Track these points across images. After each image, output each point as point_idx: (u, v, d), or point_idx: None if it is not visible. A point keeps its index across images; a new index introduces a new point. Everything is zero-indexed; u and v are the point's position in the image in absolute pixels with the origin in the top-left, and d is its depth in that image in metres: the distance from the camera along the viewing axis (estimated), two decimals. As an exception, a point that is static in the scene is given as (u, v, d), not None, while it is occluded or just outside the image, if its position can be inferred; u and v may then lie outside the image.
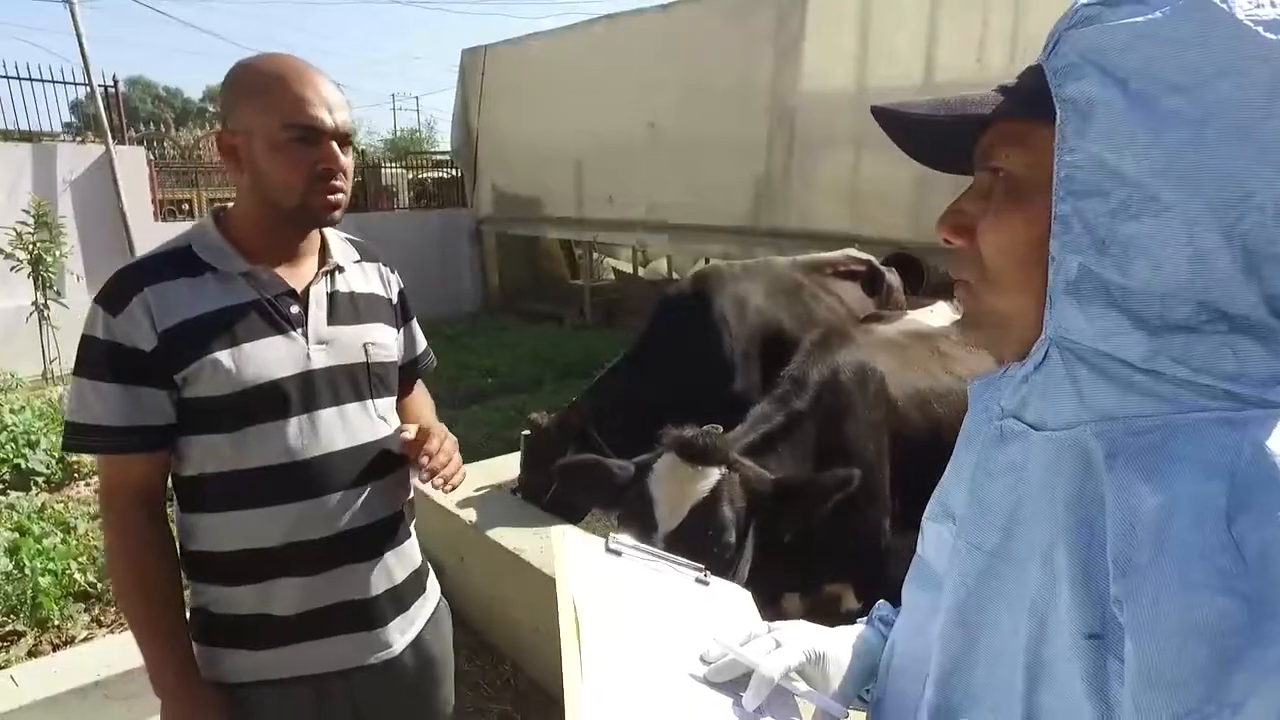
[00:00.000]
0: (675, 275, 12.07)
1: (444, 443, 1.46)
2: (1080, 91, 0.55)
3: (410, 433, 1.44)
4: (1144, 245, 0.53)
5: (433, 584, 1.62)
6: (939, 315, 3.14)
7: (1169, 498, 0.52)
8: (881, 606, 0.96)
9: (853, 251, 4.17)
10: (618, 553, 0.95)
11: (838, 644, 0.85)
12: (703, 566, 1.00)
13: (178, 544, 1.39)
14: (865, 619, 0.95)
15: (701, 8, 8.85)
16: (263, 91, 1.28)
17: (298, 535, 1.33)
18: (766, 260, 3.92)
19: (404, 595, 1.50)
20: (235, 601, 1.35)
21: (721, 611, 0.95)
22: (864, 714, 0.88)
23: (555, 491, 2.98)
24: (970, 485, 0.70)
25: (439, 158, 14.35)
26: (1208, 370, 0.54)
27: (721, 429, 2.04)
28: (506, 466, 3.73)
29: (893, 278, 4.11)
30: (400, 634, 1.48)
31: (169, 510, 1.38)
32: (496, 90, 11.62)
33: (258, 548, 1.32)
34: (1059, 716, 0.58)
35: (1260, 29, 0.51)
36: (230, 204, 1.42)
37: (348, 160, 1.35)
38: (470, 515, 3.15)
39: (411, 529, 1.55)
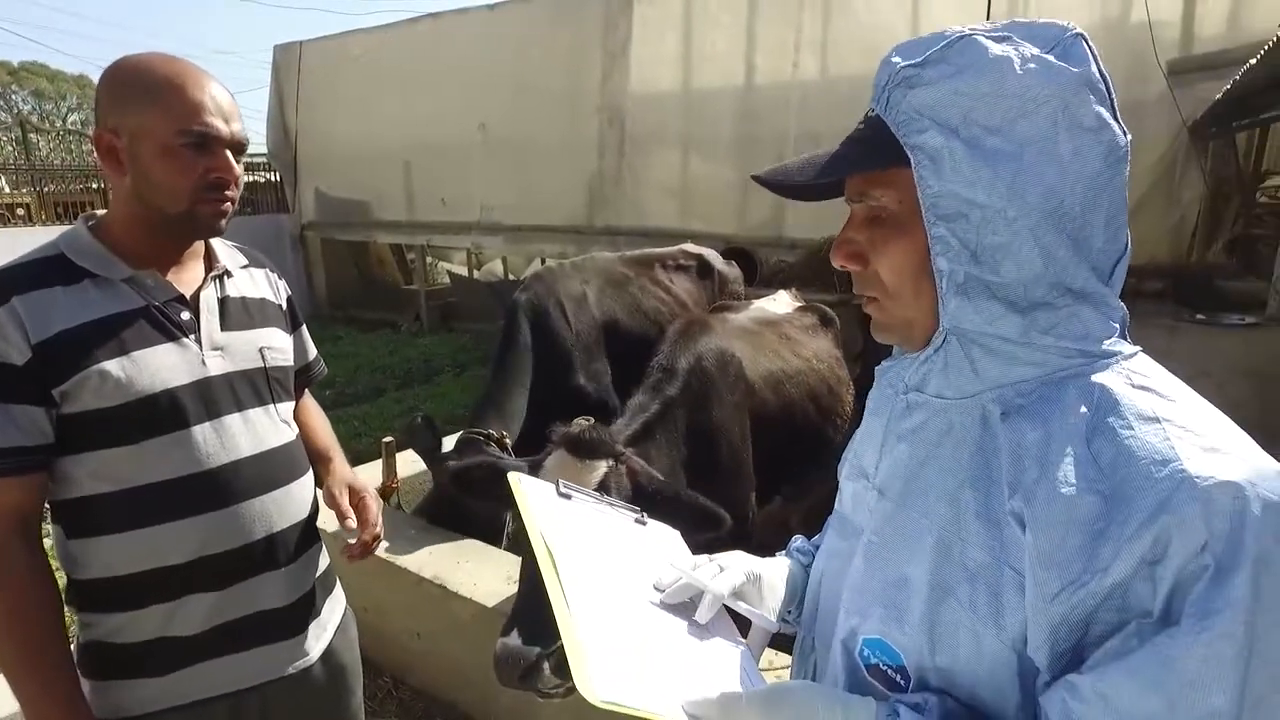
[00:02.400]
0: (512, 276, 12.02)
1: (379, 512, 1.53)
2: (925, 141, 0.72)
3: (353, 519, 1.48)
4: (1007, 250, 0.71)
5: (339, 587, 1.61)
6: (781, 303, 3.40)
7: (1046, 432, 0.71)
8: (797, 539, 1.13)
9: (688, 246, 4.39)
10: (568, 496, 1.07)
11: (769, 568, 1.01)
12: (639, 509, 1.11)
13: (62, 574, 1.30)
14: (785, 550, 1.12)
15: (528, 9, 8.89)
16: (154, 93, 1.22)
17: (208, 549, 1.29)
18: (592, 256, 4.07)
19: (317, 599, 1.49)
20: (138, 627, 1.28)
21: (660, 547, 1.08)
22: (789, 631, 1.03)
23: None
24: (882, 448, 0.87)
25: (251, 160, 13.43)
26: (1064, 335, 0.73)
27: (594, 420, 2.13)
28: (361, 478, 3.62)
29: (733, 270, 4.37)
30: (316, 640, 1.47)
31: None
32: (315, 89, 11.07)
33: (164, 566, 1.27)
34: (955, 623, 0.74)
35: (1032, 80, 0.70)
36: (103, 211, 1.35)
37: (239, 170, 1.32)
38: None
39: (319, 531, 1.53)
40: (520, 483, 1.03)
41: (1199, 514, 0.61)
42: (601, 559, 0.96)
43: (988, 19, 5.83)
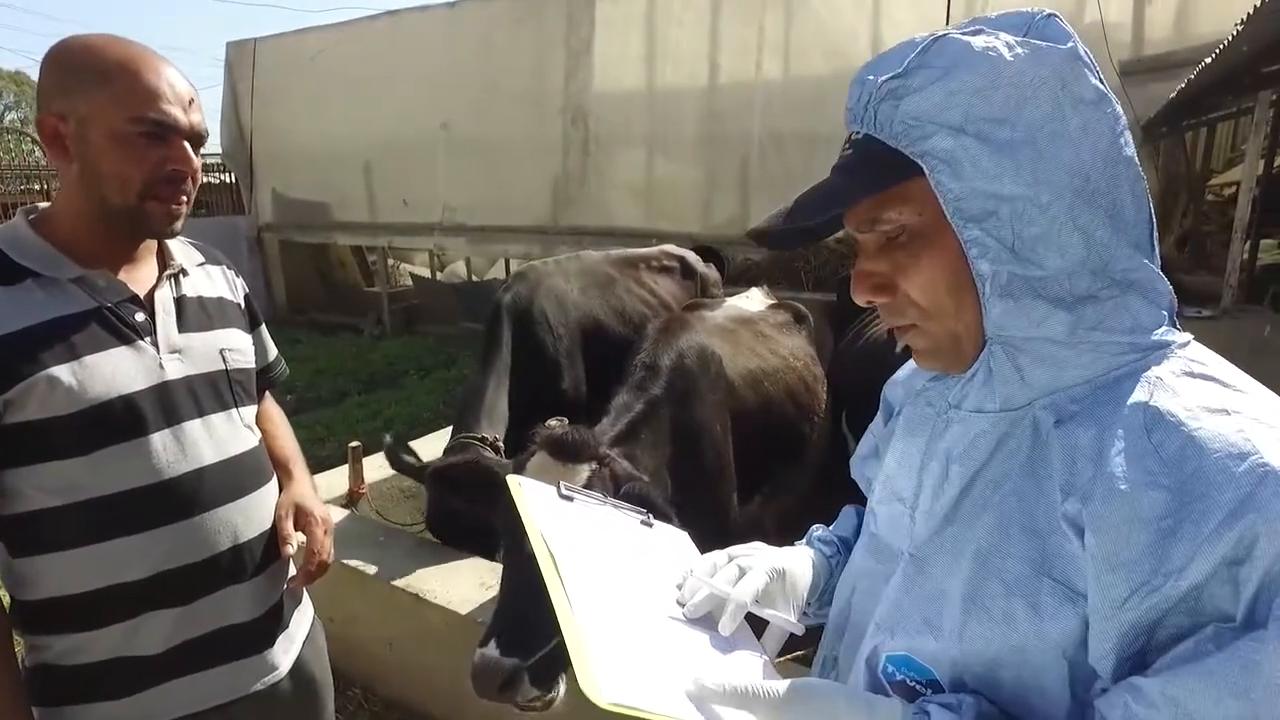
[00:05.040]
0: (475, 278, 11.88)
1: (327, 538, 1.46)
2: (934, 146, 0.68)
3: (292, 545, 1.39)
4: (1047, 239, 0.68)
5: (306, 596, 1.54)
6: (754, 301, 3.38)
7: (1100, 429, 0.67)
8: (817, 528, 1.09)
9: (669, 247, 4.36)
10: (570, 498, 1.01)
11: (792, 561, 0.96)
12: (645, 511, 1.07)
13: (5, 595, 1.22)
14: (805, 539, 1.07)
15: (490, 7, 8.79)
16: (106, 77, 1.14)
17: (169, 563, 1.22)
18: (578, 255, 4.01)
19: (284, 611, 1.42)
20: (93, 648, 1.21)
21: (667, 549, 1.04)
22: (810, 624, 0.98)
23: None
24: (920, 470, 0.82)
25: (205, 161, 13.05)
26: (1114, 329, 0.70)
27: (567, 421, 2.09)
28: (327, 484, 3.54)
29: (710, 271, 4.35)
30: (284, 654, 1.41)
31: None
32: (271, 88, 10.81)
33: (122, 582, 1.19)
34: (990, 636, 0.70)
35: (1025, 64, 0.67)
36: (45, 205, 1.26)
37: (198, 164, 1.24)
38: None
39: None
40: (520, 485, 0.98)
41: None
42: (606, 562, 0.91)
43: (947, 18, 5.92)
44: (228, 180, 12.36)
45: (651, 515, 1.09)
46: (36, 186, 11.70)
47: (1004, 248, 0.68)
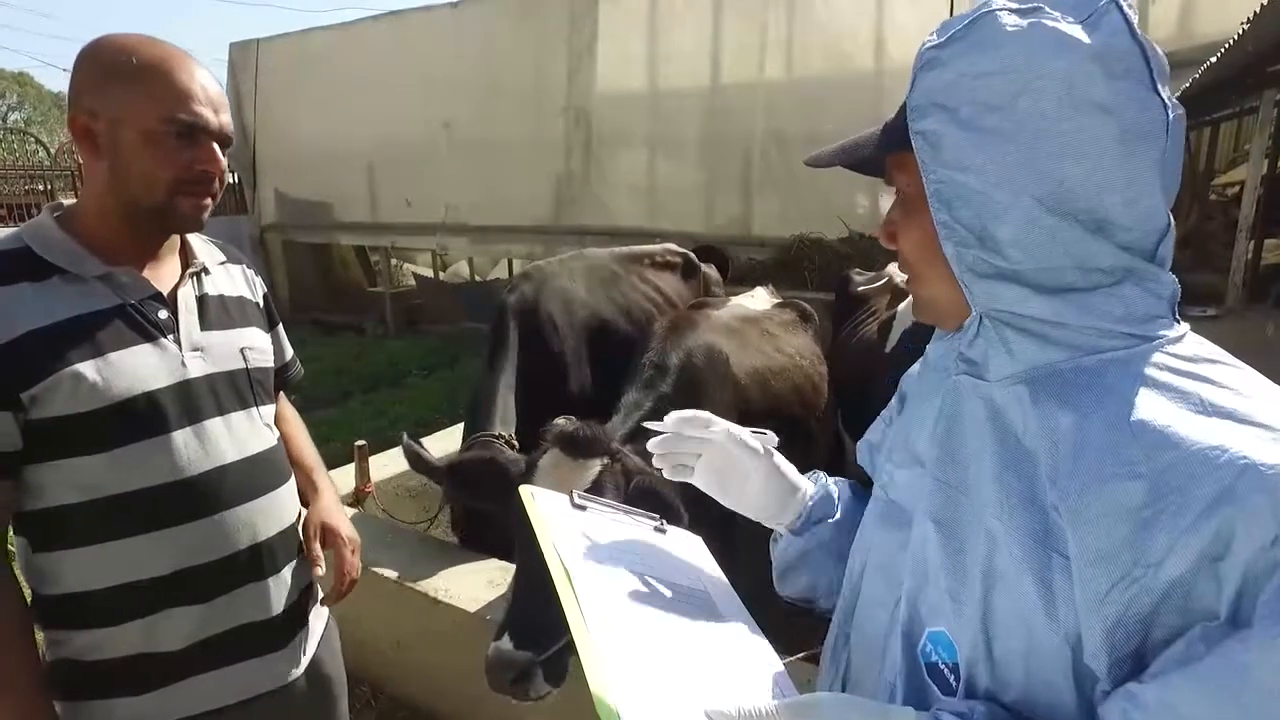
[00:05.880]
0: (478, 278, 11.89)
1: (355, 556, 1.50)
2: (927, 127, 0.70)
3: (322, 567, 1.42)
4: (1007, 237, 0.68)
5: (322, 595, 1.55)
6: (759, 300, 3.39)
7: (1079, 416, 0.67)
8: (814, 472, 1.14)
9: (672, 245, 4.37)
10: (582, 507, 1.02)
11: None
12: (658, 516, 1.07)
13: (27, 589, 1.23)
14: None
15: (492, 7, 8.80)
16: (139, 77, 1.16)
17: (190, 560, 1.23)
18: (582, 253, 4.01)
19: (304, 610, 1.43)
20: (114, 644, 1.21)
21: (681, 556, 1.04)
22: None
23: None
24: (934, 433, 0.83)
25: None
26: (1104, 316, 0.69)
27: (575, 419, 2.09)
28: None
29: (711, 271, 4.36)
30: (301, 652, 1.42)
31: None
32: (274, 88, 10.83)
33: (143, 579, 1.20)
34: (1008, 613, 0.70)
35: (1039, 55, 0.66)
36: (71, 202, 1.28)
37: (224, 164, 1.26)
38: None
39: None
40: (533, 496, 0.98)
41: (1266, 505, 0.56)
42: (620, 575, 0.91)
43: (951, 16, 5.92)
44: (231, 180, 12.39)
45: (664, 520, 1.09)
46: (40, 187, 11.74)
47: (972, 235, 0.70)
